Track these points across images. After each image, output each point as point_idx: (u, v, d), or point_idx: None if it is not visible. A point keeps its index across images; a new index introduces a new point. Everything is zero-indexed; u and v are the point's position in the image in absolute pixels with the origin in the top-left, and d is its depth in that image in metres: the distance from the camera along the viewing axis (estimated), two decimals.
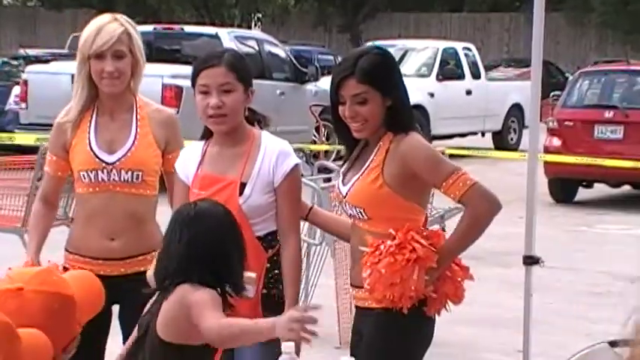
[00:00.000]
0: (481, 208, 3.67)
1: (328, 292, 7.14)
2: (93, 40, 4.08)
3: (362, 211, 3.77)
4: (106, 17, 4.19)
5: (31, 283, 3.00)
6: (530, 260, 4.76)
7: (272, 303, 3.85)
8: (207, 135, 3.99)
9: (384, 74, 3.79)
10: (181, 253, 3.35)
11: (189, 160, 3.97)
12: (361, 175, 3.78)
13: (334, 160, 13.69)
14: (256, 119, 4.04)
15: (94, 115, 4.17)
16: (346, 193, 3.81)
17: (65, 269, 4.16)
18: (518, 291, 8.05)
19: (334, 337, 6.90)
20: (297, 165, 3.89)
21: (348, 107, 3.76)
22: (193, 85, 3.90)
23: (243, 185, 3.84)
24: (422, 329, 3.78)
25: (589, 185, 14.33)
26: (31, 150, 10.43)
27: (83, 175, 4.12)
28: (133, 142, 4.15)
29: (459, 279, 3.77)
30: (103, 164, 4.10)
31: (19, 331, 2.89)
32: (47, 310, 2.97)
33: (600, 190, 14.44)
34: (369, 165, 3.78)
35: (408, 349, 3.77)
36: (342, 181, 3.86)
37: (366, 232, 3.78)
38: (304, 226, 4.02)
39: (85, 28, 4.19)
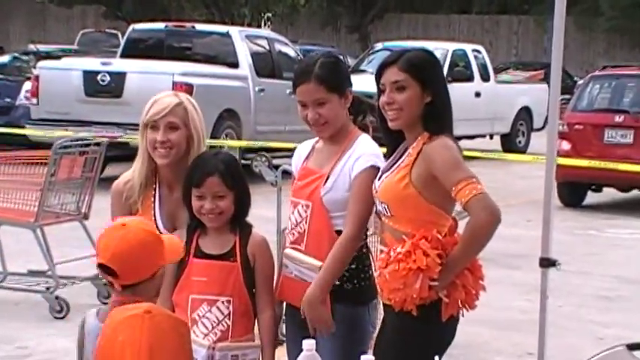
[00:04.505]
0: (480, 219, 3.64)
1: None
2: (148, 110, 4.13)
3: (387, 207, 3.84)
4: (166, 92, 4.27)
5: (133, 221, 3.38)
6: (547, 262, 4.74)
7: (343, 295, 3.99)
8: None
9: (426, 68, 3.85)
10: None
11: (299, 156, 4.23)
12: (391, 172, 3.85)
13: None
14: (362, 109, 4.19)
15: (157, 188, 4.16)
16: (377, 188, 3.89)
17: None
18: (528, 293, 8.10)
19: None
20: (370, 166, 3.98)
21: (387, 94, 3.83)
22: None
23: (328, 179, 4.02)
24: (434, 332, 3.81)
25: (598, 189, 14.32)
26: (43, 145, 10.44)
27: None
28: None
29: (470, 286, 3.76)
30: None
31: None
32: (143, 242, 3.28)
33: (609, 194, 14.43)
34: (399, 164, 3.85)
35: (419, 351, 3.78)
36: (380, 177, 3.92)
37: (388, 229, 3.85)
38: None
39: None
